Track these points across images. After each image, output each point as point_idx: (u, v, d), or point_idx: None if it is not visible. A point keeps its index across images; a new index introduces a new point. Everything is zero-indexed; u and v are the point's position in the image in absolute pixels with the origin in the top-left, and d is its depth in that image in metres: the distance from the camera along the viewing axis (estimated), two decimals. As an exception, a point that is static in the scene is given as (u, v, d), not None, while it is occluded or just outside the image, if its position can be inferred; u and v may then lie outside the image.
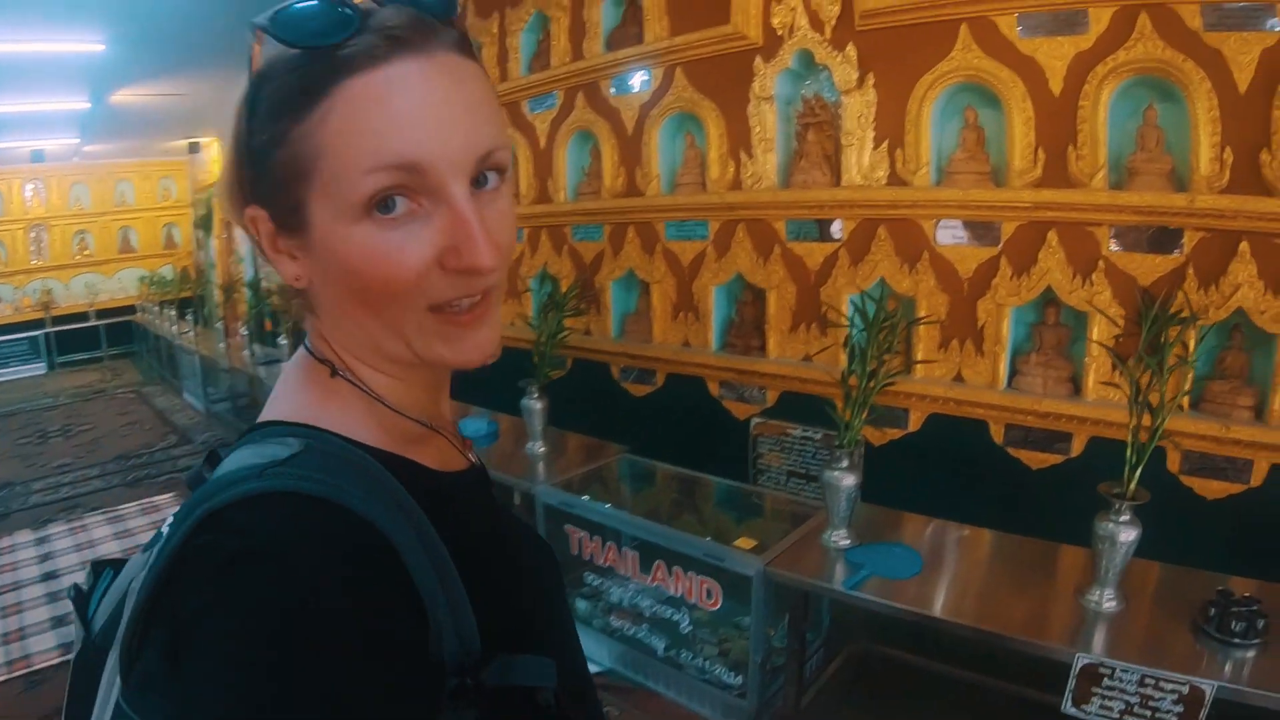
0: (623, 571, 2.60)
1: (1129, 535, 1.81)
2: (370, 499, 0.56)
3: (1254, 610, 1.70)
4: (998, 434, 2.49)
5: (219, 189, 0.67)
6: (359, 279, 0.59)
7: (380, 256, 0.58)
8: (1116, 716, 1.67)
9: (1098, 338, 2.26)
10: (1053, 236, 2.32)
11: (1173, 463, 2.17)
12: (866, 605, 2.00)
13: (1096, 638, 1.77)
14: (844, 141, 2.69)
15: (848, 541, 2.21)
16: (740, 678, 2.35)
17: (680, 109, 3.14)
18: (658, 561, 2.47)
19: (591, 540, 2.64)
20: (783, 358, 2.98)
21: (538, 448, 3.12)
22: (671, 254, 3.29)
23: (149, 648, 0.53)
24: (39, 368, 11.04)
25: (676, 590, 2.45)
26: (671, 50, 3.09)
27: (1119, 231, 2.23)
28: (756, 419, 2.89)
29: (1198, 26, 2.06)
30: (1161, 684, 1.62)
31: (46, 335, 11.10)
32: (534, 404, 3.06)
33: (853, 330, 2.25)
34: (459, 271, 0.59)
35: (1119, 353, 2.02)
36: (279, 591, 0.50)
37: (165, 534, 0.57)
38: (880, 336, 2.18)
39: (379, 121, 0.55)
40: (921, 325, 2.55)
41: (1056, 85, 2.29)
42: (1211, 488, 2.15)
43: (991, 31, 2.36)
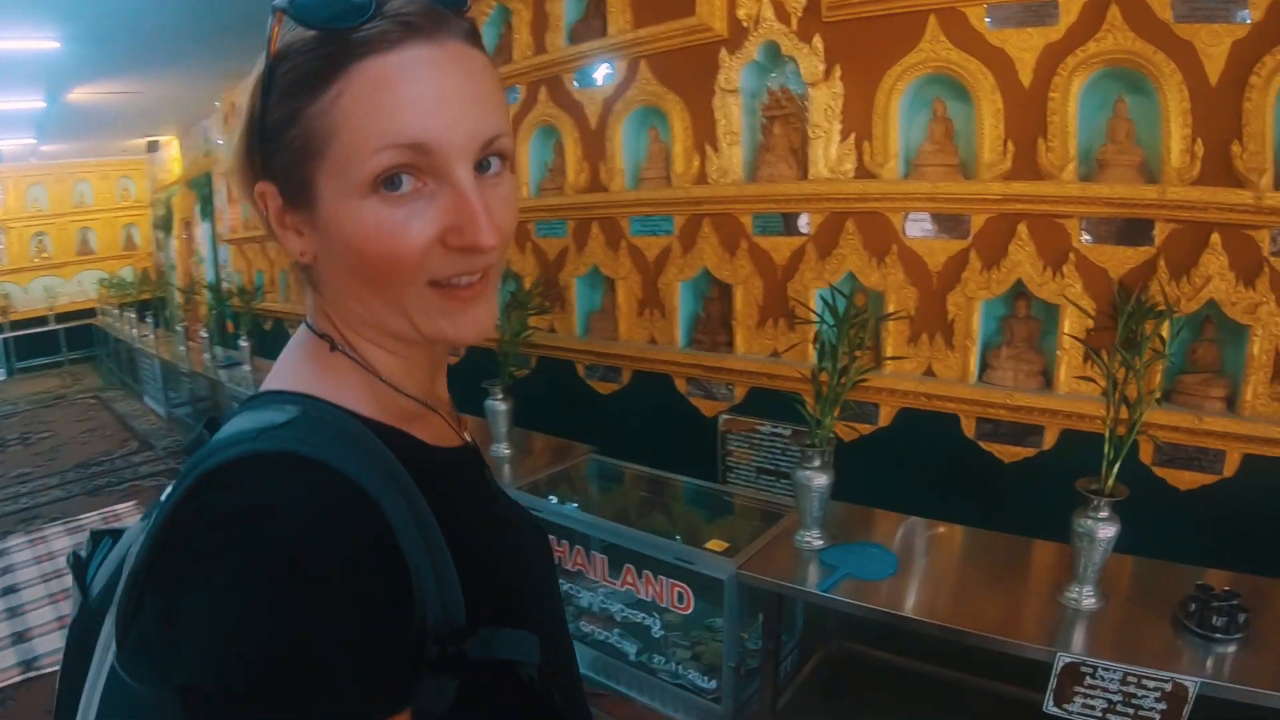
0: (592, 576, 2.49)
1: (1108, 532, 1.74)
2: (362, 466, 0.56)
3: (1234, 605, 1.66)
4: (969, 428, 2.42)
5: (228, 165, 0.65)
6: (364, 254, 0.59)
7: (385, 232, 0.58)
8: (1099, 715, 1.61)
9: (1069, 330, 2.20)
10: (1023, 229, 2.25)
11: (1145, 454, 2.11)
12: (843, 608, 1.91)
13: (1077, 636, 1.71)
14: (811, 134, 2.60)
15: (821, 542, 2.12)
16: (714, 681, 2.25)
17: (644, 102, 3.03)
18: (627, 565, 2.36)
19: (560, 544, 2.52)
20: (750, 354, 2.89)
21: (503, 449, 3.00)
22: (636, 250, 3.18)
23: (145, 610, 0.54)
24: (-3, 374, 10.63)
25: (647, 594, 2.34)
26: (635, 43, 2.98)
27: (1089, 224, 2.16)
28: (725, 416, 2.80)
29: (1168, 18, 2.01)
30: (1144, 681, 1.57)
31: (4, 340, 10.72)
32: (498, 405, 2.94)
33: (823, 326, 2.15)
34: (461, 249, 0.60)
35: (1091, 345, 1.97)
36: (269, 548, 0.50)
37: (165, 498, 0.57)
38: (851, 333, 2.09)
39: (390, 103, 0.56)
40: (891, 320, 2.47)
41: (1026, 77, 2.22)
42: (1184, 479, 2.09)
43: (960, 23, 2.28)
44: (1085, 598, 1.78)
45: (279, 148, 0.60)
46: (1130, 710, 1.58)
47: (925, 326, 2.48)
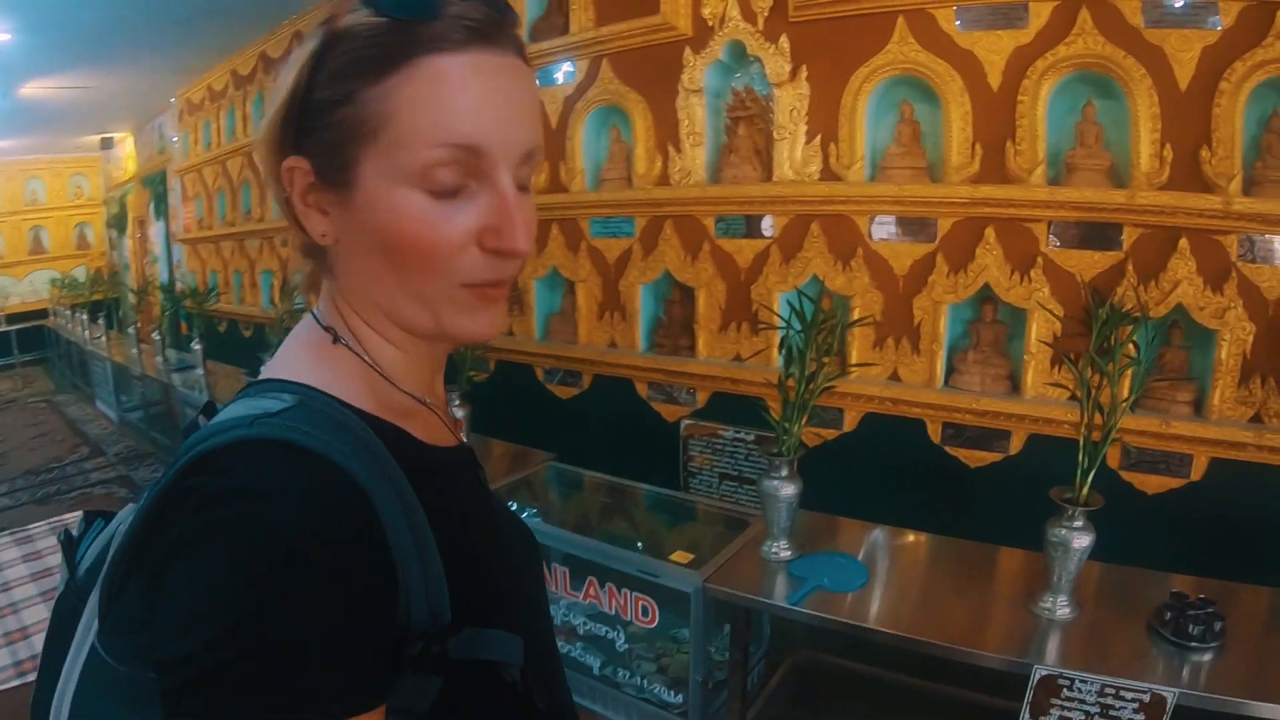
0: (553, 588, 2.34)
1: (1083, 541, 1.67)
2: (356, 457, 0.55)
3: (1210, 612, 1.60)
4: (935, 433, 2.33)
5: (259, 136, 0.62)
6: (400, 241, 0.58)
7: (426, 223, 0.58)
8: (1076, 728, 1.53)
9: (1037, 335, 2.12)
10: (990, 233, 2.17)
11: (1113, 458, 2.04)
12: (815, 622, 1.80)
13: (1052, 647, 1.62)
14: (776, 135, 2.49)
15: (789, 553, 2.00)
16: (681, 696, 2.13)
17: (606, 102, 2.90)
18: (590, 578, 2.22)
19: (520, 554, 2.38)
20: (713, 358, 2.78)
21: (462, 455, 2.84)
22: (596, 252, 3.05)
23: (128, 589, 0.53)
24: (-55, 376, 10.07)
25: (610, 608, 2.20)
26: (598, 41, 2.84)
27: (1058, 228, 2.09)
28: (687, 421, 2.67)
29: (1139, 23, 1.94)
30: (1122, 693, 1.49)
31: (-46, 343, 10.19)
32: (455, 410, 2.78)
33: (790, 331, 2.04)
34: (496, 252, 0.60)
35: (1061, 351, 1.89)
36: (255, 530, 0.48)
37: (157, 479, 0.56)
38: (819, 338, 1.98)
39: (453, 101, 0.56)
40: (858, 325, 2.37)
41: (995, 80, 2.14)
42: (1152, 483, 2.03)
43: (929, 24, 2.20)
44: (1059, 607, 1.70)
45: (323, 124, 0.58)
46: (1108, 722, 1.51)
47: (891, 331, 2.39)
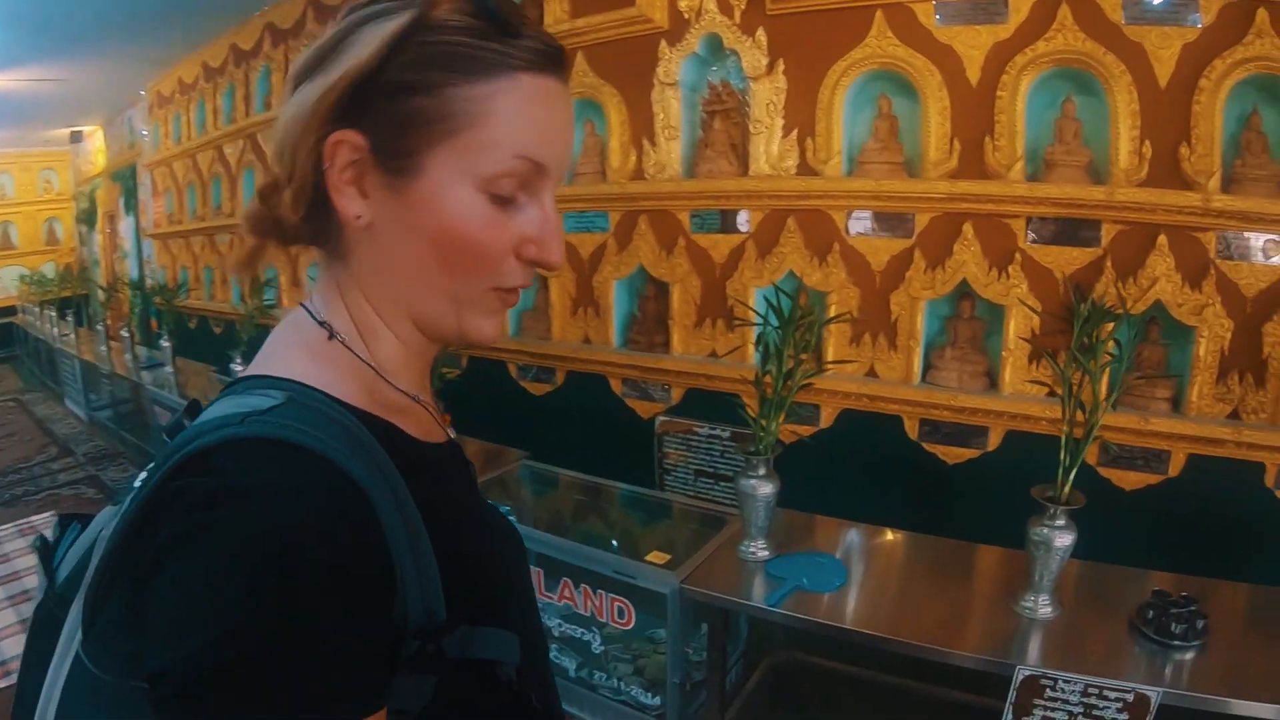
0: (528, 588, 2.26)
1: (1065, 540, 1.61)
2: (351, 455, 0.52)
3: (1193, 611, 1.56)
4: (912, 429, 2.27)
5: (304, 101, 0.57)
6: (457, 239, 0.58)
7: (485, 226, 0.58)
8: (1059, 728, 1.48)
9: (1015, 331, 2.07)
10: (968, 228, 2.12)
11: (1091, 455, 1.99)
12: (794, 623, 1.74)
13: (1034, 646, 1.57)
14: (752, 129, 2.42)
15: (767, 552, 1.94)
16: (658, 698, 2.05)
17: (580, 95, 2.80)
18: (565, 579, 2.14)
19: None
20: (688, 354, 2.70)
21: (434, 454, 2.74)
22: (570, 247, 2.95)
23: (115, 596, 0.50)
24: (-89, 374, 9.71)
25: (586, 609, 2.12)
26: (572, 33, 2.74)
27: (1036, 224, 2.04)
28: (662, 417, 2.58)
29: (1119, 19, 1.90)
30: (1105, 693, 1.44)
31: (-78, 340, 9.83)
32: (430, 407, 2.68)
33: (767, 327, 1.97)
34: (533, 262, 0.61)
35: (1039, 347, 1.84)
36: (252, 529, 0.46)
37: (139, 483, 0.54)
38: (797, 334, 1.92)
39: (536, 120, 0.58)
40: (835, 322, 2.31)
41: (974, 75, 2.08)
42: (1130, 479, 1.99)
43: (908, 18, 2.14)
44: (1041, 606, 1.65)
45: (392, 106, 0.56)
46: (1091, 722, 1.46)
47: (868, 327, 2.33)
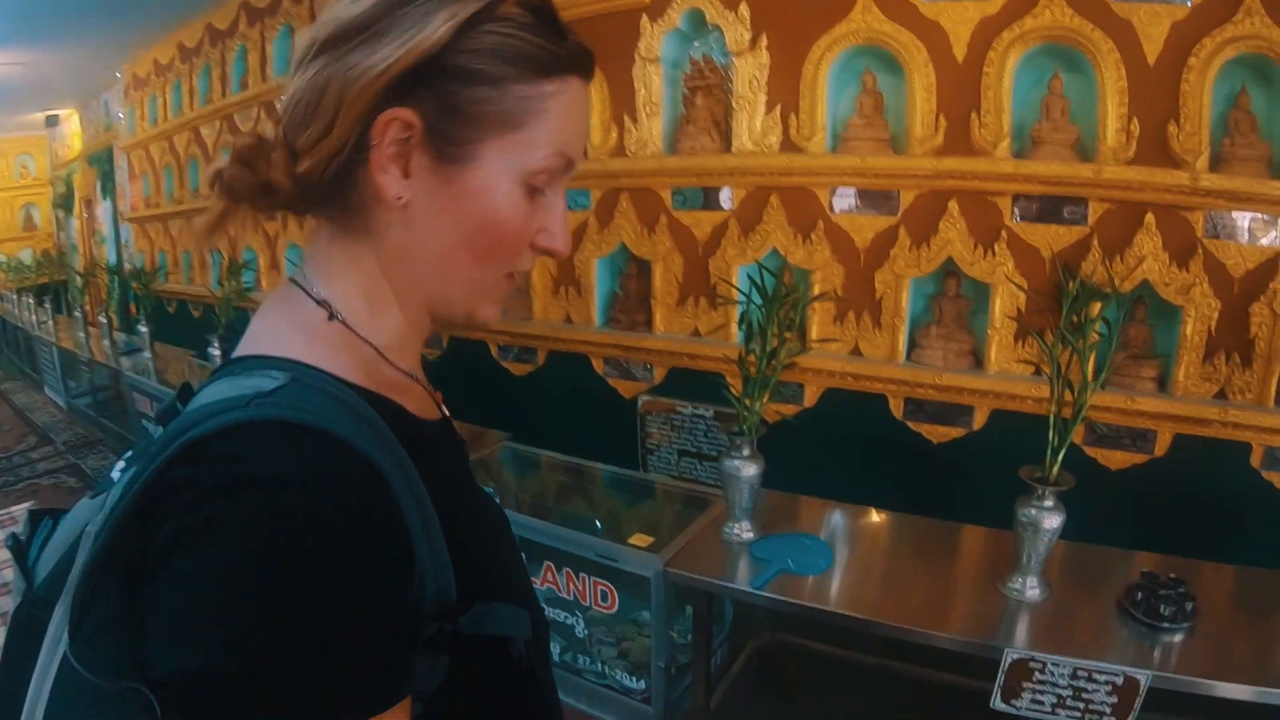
0: (510, 572, 2.20)
1: (1053, 521, 1.57)
2: (361, 435, 0.49)
3: (1182, 593, 1.52)
4: (897, 408, 2.22)
5: (363, 71, 0.53)
6: (496, 227, 0.59)
7: (518, 216, 0.59)
8: (1049, 710, 1.44)
9: (1002, 310, 2.02)
10: (954, 206, 2.05)
11: (1076, 434, 1.95)
12: (780, 606, 1.69)
13: (1022, 629, 1.53)
14: (735, 106, 2.34)
15: (751, 534, 1.88)
16: (643, 681, 2.00)
17: (560, 72, 2.72)
18: (547, 562, 2.07)
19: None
20: (670, 333, 2.63)
21: (415, 437, 2.67)
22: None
23: (105, 596, 0.46)
24: (-112, 361, 9.47)
25: (569, 593, 2.07)
26: (551, 8, 2.66)
27: (1022, 202, 1.98)
28: (644, 397, 2.52)
29: (1107, -3, 1.83)
30: (1094, 676, 1.41)
31: (-103, 328, 9.55)
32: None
33: (751, 305, 1.91)
34: (543, 250, 0.63)
35: (1025, 326, 1.79)
36: (273, 520, 0.43)
37: (130, 473, 0.49)
38: (781, 313, 1.85)
39: (579, 121, 0.61)
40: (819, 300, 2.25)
41: (960, 51, 2.01)
42: (1116, 459, 1.95)
43: (893, -9, 2.06)
44: (1029, 588, 1.61)
45: (457, 91, 0.55)
46: (1080, 705, 1.43)
47: (852, 305, 2.27)
